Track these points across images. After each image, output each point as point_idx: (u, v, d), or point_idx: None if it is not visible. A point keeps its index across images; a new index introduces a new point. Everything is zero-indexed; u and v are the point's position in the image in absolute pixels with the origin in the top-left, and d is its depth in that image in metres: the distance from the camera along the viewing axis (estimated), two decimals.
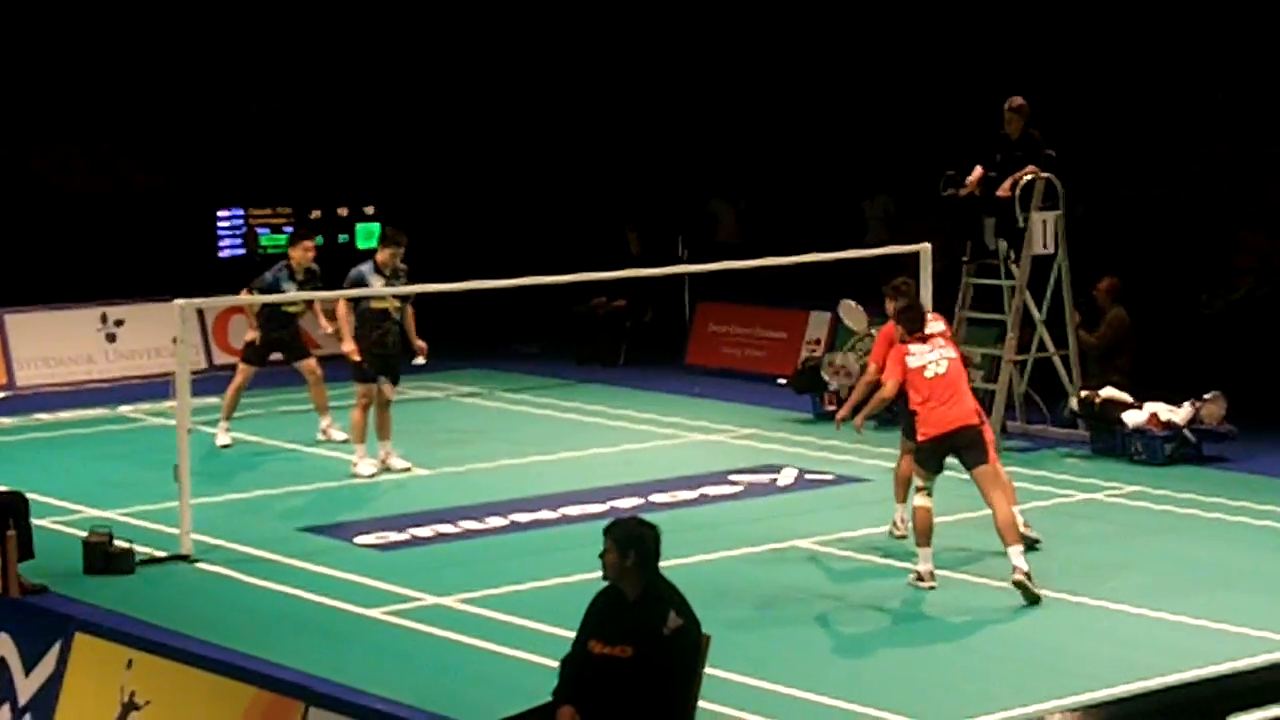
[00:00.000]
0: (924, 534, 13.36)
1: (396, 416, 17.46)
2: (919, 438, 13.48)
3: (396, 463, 17.42)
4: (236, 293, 18.76)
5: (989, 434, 13.92)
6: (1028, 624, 12.61)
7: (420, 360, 17.41)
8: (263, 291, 18.11)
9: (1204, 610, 12.72)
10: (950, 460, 13.52)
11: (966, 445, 13.36)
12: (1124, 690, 10.82)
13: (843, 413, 14.33)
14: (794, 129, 27.49)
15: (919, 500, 13.40)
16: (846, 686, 11.36)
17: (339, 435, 18.54)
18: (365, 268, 17.03)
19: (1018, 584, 12.91)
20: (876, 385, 13.98)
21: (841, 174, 26.62)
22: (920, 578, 13.34)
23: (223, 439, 18.60)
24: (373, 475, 17.15)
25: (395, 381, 17.30)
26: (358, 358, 16.98)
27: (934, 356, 13.46)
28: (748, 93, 27.96)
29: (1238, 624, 12.42)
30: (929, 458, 13.45)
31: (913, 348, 13.55)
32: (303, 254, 18.37)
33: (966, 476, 13.50)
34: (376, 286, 16.83)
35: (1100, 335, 18.87)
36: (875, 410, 14.10)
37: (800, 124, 27.41)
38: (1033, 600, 12.91)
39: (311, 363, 18.86)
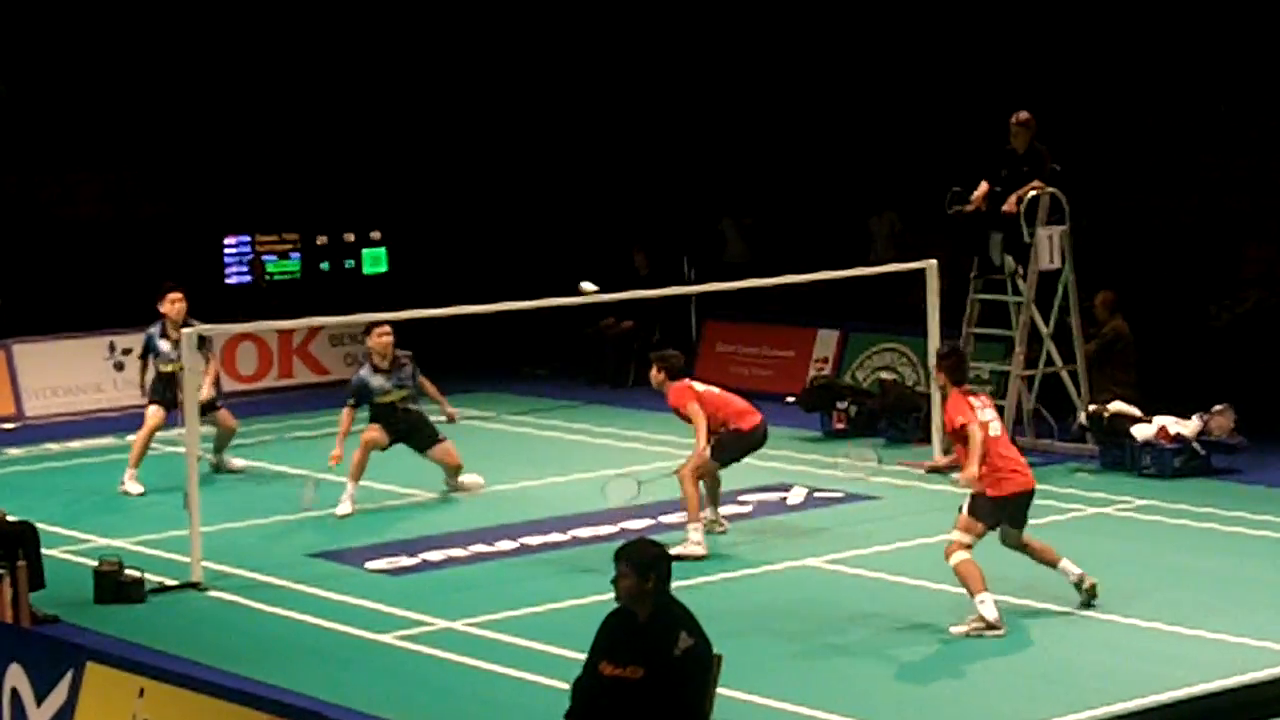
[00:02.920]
0: (978, 580, 12.68)
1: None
2: (991, 493, 12.82)
3: (470, 480, 17.49)
4: (244, 320, 18.74)
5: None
6: (1041, 639, 12.58)
7: (450, 420, 17.61)
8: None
9: (1222, 624, 12.68)
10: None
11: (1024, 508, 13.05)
12: (1140, 704, 10.80)
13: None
14: (800, 147, 27.50)
15: (963, 555, 12.74)
16: (860, 705, 11.34)
17: (238, 463, 18.76)
18: (364, 371, 17.28)
19: (1083, 584, 12.98)
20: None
21: (848, 191, 26.63)
22: (990, 626, 12.63)
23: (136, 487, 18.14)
24: (348, 515, 16.79)
25: (435, 442, 17.33)
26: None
27: (990, 415, 13.03)
28: (754, 111, 27.98)
29: (1258, 638, 12.37)
30: (993, 515, 12.90)
31: (973, 400, 13.01)
32: (170, 307, 18.05)
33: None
34: (375, 384, 17.11)
35: (1090, 347, 18.81)
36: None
37: (806, 142, 27.42)
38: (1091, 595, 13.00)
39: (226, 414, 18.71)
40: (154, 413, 18.15)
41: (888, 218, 25.84)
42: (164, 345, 18.02)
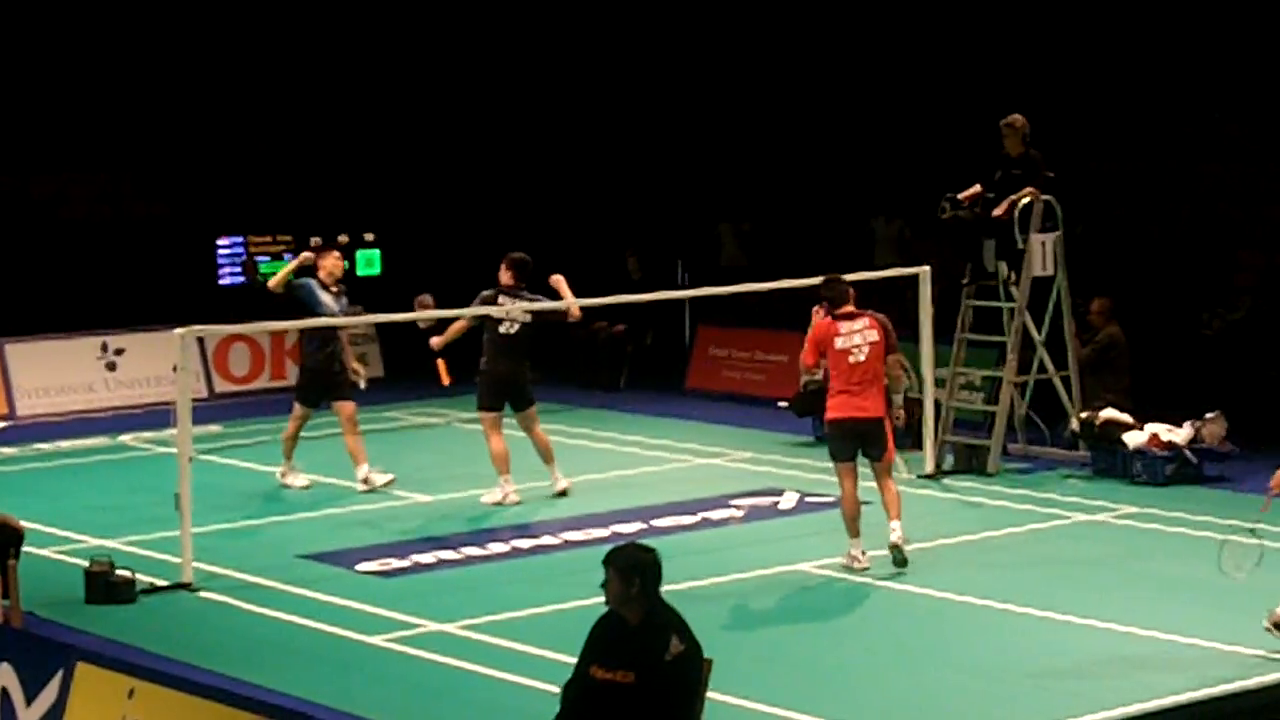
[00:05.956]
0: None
1: (393, 442, 17.44)
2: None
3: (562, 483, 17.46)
4: (237, 321, 18.71)
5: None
6: (1037, 646, 12.56)
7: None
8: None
9: (1214, 632, 12.66)
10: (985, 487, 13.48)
11: None
12: (1137, 709, 10.81)
13: None
14: (797, 152, 27.50)
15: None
16: (850, 710, 11.34)
17: (380, 479, 17.85)
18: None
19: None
20: None
21: (846, 196, 26.62)
22: None
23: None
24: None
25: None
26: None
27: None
28: (750, 116, 27.98)
29: (1250, 646, 12.35)
30: None
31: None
32: (335, 263, 17.87)
33: (967, 499, 13.46)
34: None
35: (1085, 353, 18.79)
36: None
37: (804, 147, 27.42)
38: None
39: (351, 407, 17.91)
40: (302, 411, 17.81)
41: (896, 224, 25.75)
42: (326, 297, 17.50)
